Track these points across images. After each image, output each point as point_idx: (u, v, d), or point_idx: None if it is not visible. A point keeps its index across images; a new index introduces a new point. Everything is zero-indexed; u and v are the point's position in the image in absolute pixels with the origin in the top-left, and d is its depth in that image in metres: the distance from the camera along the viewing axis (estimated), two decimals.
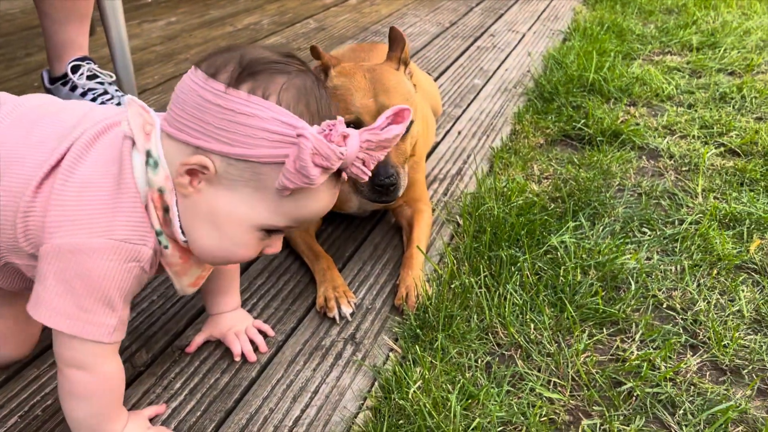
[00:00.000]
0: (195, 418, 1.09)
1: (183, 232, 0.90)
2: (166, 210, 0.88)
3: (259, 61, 0.84)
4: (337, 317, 1.29)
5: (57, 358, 0.90)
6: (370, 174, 0.91)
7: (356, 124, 1.33)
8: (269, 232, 0.92)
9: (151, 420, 1.06)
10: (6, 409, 1.08)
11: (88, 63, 2.03)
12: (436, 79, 2.72)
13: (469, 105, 2.45)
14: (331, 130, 0.84)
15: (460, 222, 1.62)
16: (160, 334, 1.27)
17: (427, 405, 1.06)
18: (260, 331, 1.25)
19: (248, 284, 1.42)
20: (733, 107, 2.37)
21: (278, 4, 4.07)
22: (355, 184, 1.37)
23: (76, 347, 0.88)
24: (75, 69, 1.99)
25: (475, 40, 3.30)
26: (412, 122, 1.39)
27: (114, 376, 0.94)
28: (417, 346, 1.20)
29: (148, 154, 0.86)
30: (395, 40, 1.48)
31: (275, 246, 0.96)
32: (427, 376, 1.12)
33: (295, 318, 1.32)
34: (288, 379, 1.16)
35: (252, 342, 1.22)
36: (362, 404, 1.11)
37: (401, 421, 1.05)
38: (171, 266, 0.96)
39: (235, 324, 1.23)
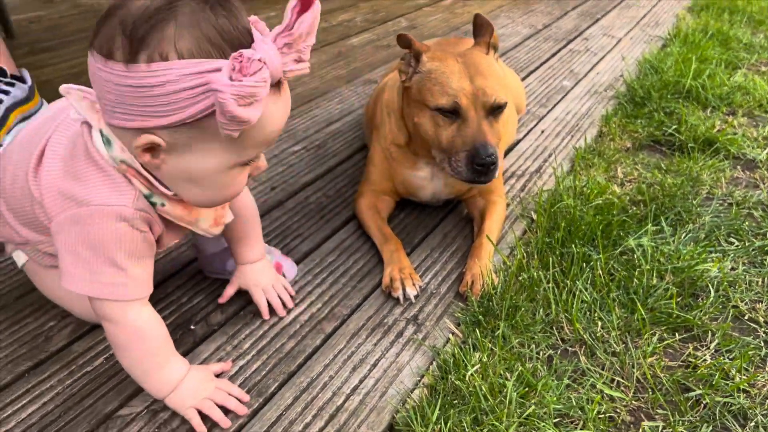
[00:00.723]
0: (260, 377, 1.15)
1: (168, 188, 0.96)
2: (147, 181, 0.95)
3: (140, 19, 0.80)
4: (401, 298, 1.32)
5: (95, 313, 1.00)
6: None
7: (454, 108, 1.36)
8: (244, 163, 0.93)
9: (217, 376, 1.13)
10: (93, 351, 1.19)
11: None
12: (523, 79, 2.69)
13: (555, 105, 2.41)
14: (242, 62, 0.77)
15: (534, 218, 1.61)
16: (235, 297, 1.34)
17: (483, 388, 1.07)
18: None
19: (320, 260, 1.48)
20: None
21: (372, 2, 4.16)
22: (453, 167, 1.38)
23: (99, 305, 0.97)
24: None
25: (568, 43, 3.23)
26: (505, 104, 1.41)
27: (143, 327, 1.00)
28: (478, 331, 1.20)
29: (101, 133, 0.91)
30: (481, 26, 1.49)
31: (259, 165, 0.98)
32: (485, 361, 1.13)
33: (361, 295, 1.36)
34: (349, 350, 1.20)
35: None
36: (419, 381, 1.13)
37: (456, 401, 1.07)
38: (180, 219, 1.02)
39: (260, 280, 1.29)
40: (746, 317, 1.29)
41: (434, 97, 1.37)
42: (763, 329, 1.25)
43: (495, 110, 1.38)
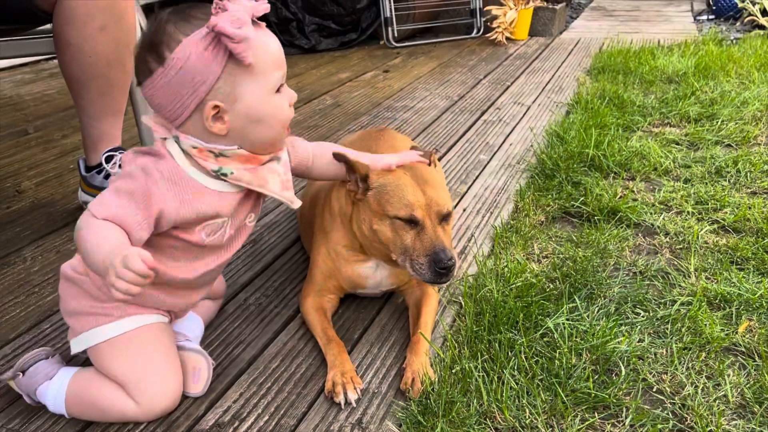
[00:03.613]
0: None
1: (238, 147, 1.27)
2: (216, 155, 1.26)
3: (151, 37, 1.20)
4: (343, 403, 1.39)
5: None
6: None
7: (412, 219, 1.49)
8: (279, 88, 1.26)
9: None
10: None
11: (120, 152, 2.21)
12: (444, 155, 2.88)
13: (474, 181, 2.59)
14: (217, 5, 1.14)
15: (462, 303, 1.73)
16: (182, 418, 1.37)
17: None
18: None
19: (263, 368, 1.53)
20: (729, 181, 2.48)
21: (296, 80, 4.32)
22: (416, 269, 1.49)
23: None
24: (108, 159, 2.17)
25: (482, 114, 3.47)
26: (452, 211, 1.58)
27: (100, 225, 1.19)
28: None
29: (176, 139, 1.27)
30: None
31: (291, 95, 1.30)
32: None
33: (306, 402, 1.42)
34: None
35: None
36: None
37: None
38: (249, 182, 1.30)
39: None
40: (654, 389, 1.44)
41: (393, 208, 1.50)
42: (669, 400, 1.40)
43: (446, 217, 1.54)
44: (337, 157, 1.55)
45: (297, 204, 1.40)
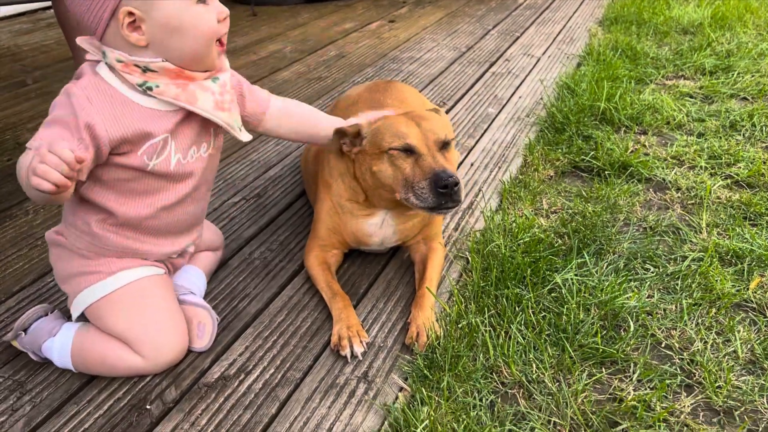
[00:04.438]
0: None
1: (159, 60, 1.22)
2: (142, 69, 1.21)
3: None
4: (349, 356, 1.39)
5: None
6: None
7: (407, 148, 1.47)
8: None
9: None
10: None
11: None
12: (451, 108, 2.81)
13: (482, 135, 2.53)
14: None
15: (470, 258, 1.71)
16: (188, 371, 1.37)
17: None
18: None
19: (269, 321, 1.52)
20: (743, 135, 2.41)
21: (299, 30, 4.20)
22: (418, 195, 1.44)
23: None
24: None
25: (491, 66, 3.38)
26: (453, 139, 1.55)
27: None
28: (424, 388, 1.28)
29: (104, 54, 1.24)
30: None
31: (219, 10, 1.26)
32: (433, 417, 1.21)
33: (311, 355, 1.42)
34: (305, 416, 1.26)
35: None
36: None
37: None
38: (176, 97, 1.23)
39: None
40: (663, 344, 1.42)
41: (387, 141, 1.48)
42: (678, 356, 1.39)
43: (445, 145, 1.50)
44: (339, 132, 1.55)
45: (242, 136, 1.37)
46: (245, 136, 1.38)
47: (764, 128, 2.45)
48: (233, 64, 1.42)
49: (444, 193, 1.41)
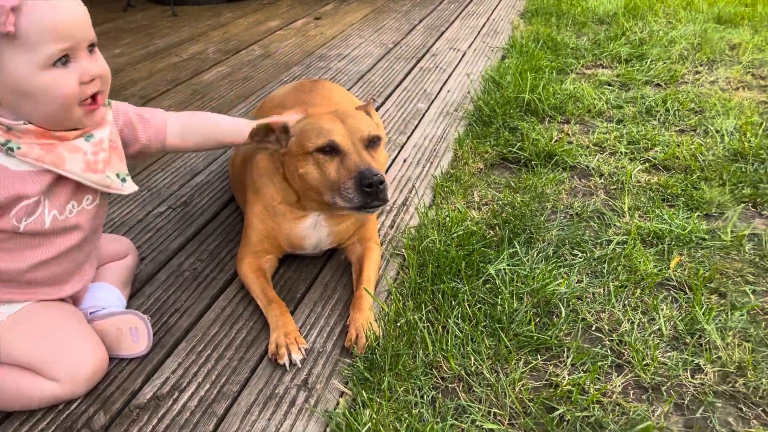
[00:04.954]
0: None
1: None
2: (6, 128, 1.13)
3: None
4: (288, 365, 1.36)
5: None
6: None
7: (332, 146, 1.44)
8: (63, 62, 1.11)
9: None
10: None
11: None
12: (381, 105, 2.81)
13: (413, 131, 2.54)
14: None
15: (406, 255, 1.71)
16: (117, 393, 1.31)
17: None
18: None
19: (202, 335, 1.47)
20: (658, 120, 2.53)
21: (222, 30, 4.09)
22: (344, 196, 1.42)
23: None
24: None
25: (418, 61, 3.40)
26: (380, 137, 1.51)
27: None
28: (365, 390, 1.27)
29: None
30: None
31: (86, 70, 1.14)
32: (375, 419, 1.20)
33: (248, 367, 1.38)
34: (244, 431, 1.22)
35: None
36: None
37: None
38: (40, 159, 1.15)
39: None
40: (593, 327, 1.47)
41: (312, 141, 1.45)
42: (608, 337, 1.44)
43: (372, 142, 1.48)
44: (254, 133, 1.49)
45: (126, 189, 1.27)
46: (129, 188, 1.28)
47: (677, 113, 2.58)
48: (154, 68, 1.36)
49: (370, 192, 1.40)
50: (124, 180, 1.28)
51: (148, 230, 1.89)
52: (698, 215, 1.86)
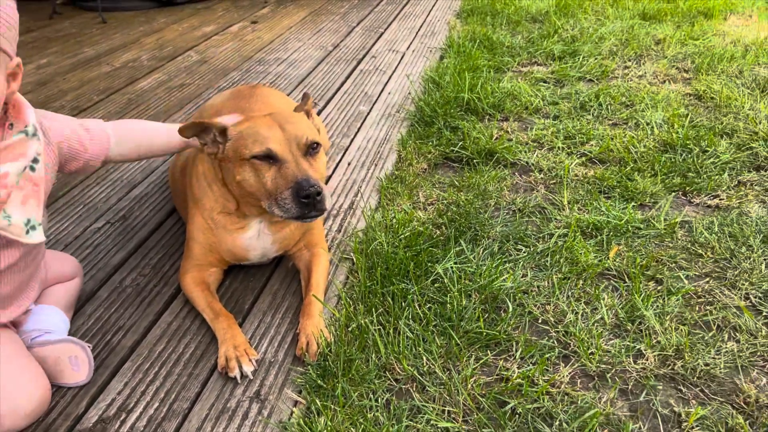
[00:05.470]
0: None
1: None
2: None
3: None
4: (239, 377, 1.34)
5: None
6: None
7: (269, 154, 1.41)
8: None
9: None
10: None
11: None
12: (323, 108, 2.80)
13: (356, 134, 2.54)
14: None
15: (354, 259, 1.71)
16: (60, 419, 1.25)
17: None
18: None
19: (148, 352, 1.43)
20: (593, 115, 2.62)
21: (156, 36, 3.98)
22: (281, 206, 1.40)
23: None
24: None
25: (358, 63, 3.40)
26: (319, 144, 1.49)
27: None
28: (318, 398, 1.26)
29: None
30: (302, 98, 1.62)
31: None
32: (330, 426, 1.19)
33: (198, 382, 1.35)
34: None
35: None
36: None
37: None
38: None
39: None
40: (540, 320, 1.51)
41: (248, 148, 1.42)
42: (554, 329, 1.48)
43: (310, 149, 1.46)
44: (183, 130, 1.45)
45: (33, 238, 1.14)
46: (36, 238, 1.14)
47: (609, 107, 2.68)
48: (85, 78, 1.31)
49: (307, 203, 1.39)
50: (34, 228, 1.14)
51: (86, 246, 1.82)
52: (633, 205, 1.94)
